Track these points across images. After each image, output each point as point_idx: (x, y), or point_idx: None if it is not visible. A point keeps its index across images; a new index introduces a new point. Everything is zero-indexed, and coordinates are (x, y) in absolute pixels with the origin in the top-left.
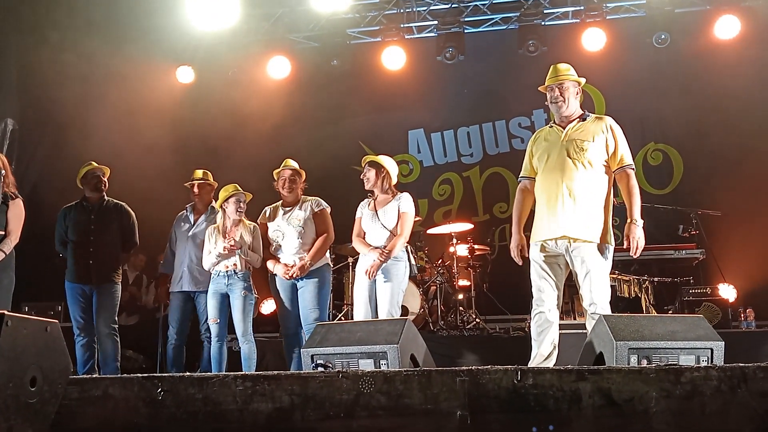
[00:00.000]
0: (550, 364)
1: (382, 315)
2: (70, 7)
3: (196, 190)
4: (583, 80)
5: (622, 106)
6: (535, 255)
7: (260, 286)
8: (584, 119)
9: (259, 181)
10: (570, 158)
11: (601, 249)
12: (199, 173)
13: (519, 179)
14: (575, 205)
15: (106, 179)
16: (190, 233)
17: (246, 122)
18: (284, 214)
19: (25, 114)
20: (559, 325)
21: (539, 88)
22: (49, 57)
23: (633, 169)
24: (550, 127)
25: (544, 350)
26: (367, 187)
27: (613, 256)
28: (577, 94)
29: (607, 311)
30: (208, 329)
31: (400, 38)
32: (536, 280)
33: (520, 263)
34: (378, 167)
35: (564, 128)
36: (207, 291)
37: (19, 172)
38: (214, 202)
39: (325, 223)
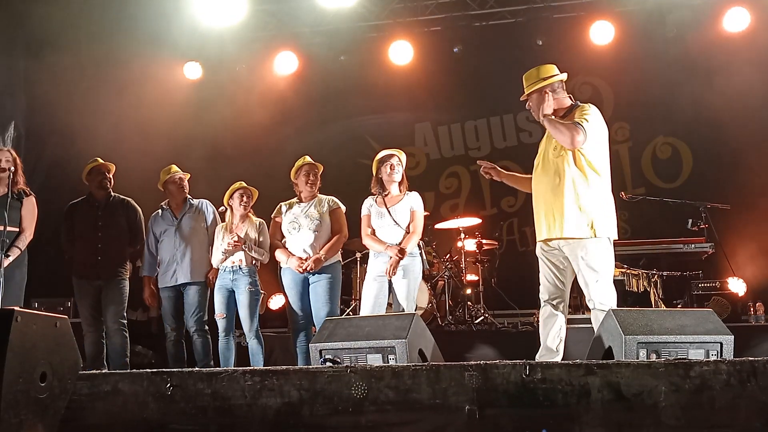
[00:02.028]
0: (558, 357)
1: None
2: (78, 5)
3: (182, 183)
4: (554, 80)
5: (631, 99)
6: (539, 251)
7: (269, 282)
8: (574, 107)
9: (267, 177)
10: (555, 159)
11: (596, 244)
12: (175, 167)
13: None
14: (564, 205)
15: (110, 176)
16: (180, 226)
17: (253, 118)
18: (301, 208)
19: (33, 113)
20: (568, 319)
21: (521, 98)
22: (56, 56)
23: (579, 126)
24: None
25: (550, 343)
26: (392, 180)
27: (623, 251)
28: (545, 96)
29: (606, 306)
30: (197, 321)
31: (407, 32)
32: (542, 274)
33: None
34: (403, 165)
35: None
36: (197, 283)
37: (28, 168)
38: (189, 196)
39: (339, 222)
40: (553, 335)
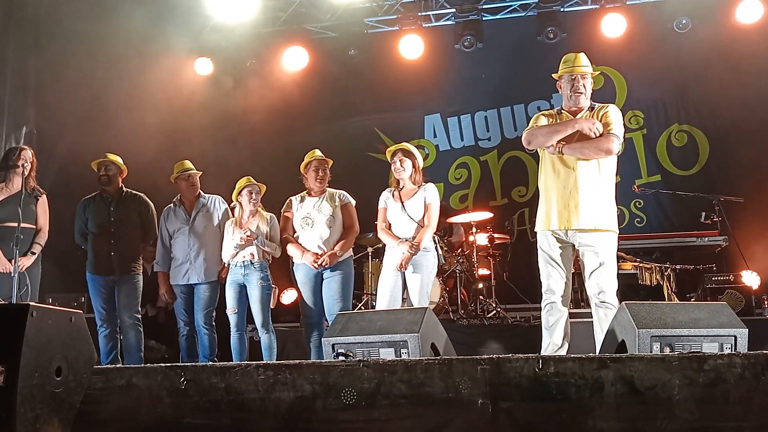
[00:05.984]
0: (563, 350)
1: (414, 305)
2: (87, 3)
3: (193, 181)
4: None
5: (644, 90)
6: (544, 243)
7: (281, 276)
8: (592, 108)
9: (277, 172)
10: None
11: (611, 237)
12: (188, 163)
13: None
14: (588, 195)
15: (110, 174)
16: (194, 225)
17: (264, 113)
18: (313, 202)
19: (45, 109)
20: (570, 313)
21: (553, 76)
22: (66, 53)
23: (616, 136)
24: (558, 113)
25: (556, 339)
26: (399, 176)
27: (636, 244)
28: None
29: (615, 299)
30: (206, 317)
31: (417, 27)
32: (545, 269)
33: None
34: (413, 158)
35: (575, 117)
36: (207, 282)
37: (41, 165)
38: (201, 192)
39: (351, 217)
40: (559, 330)
